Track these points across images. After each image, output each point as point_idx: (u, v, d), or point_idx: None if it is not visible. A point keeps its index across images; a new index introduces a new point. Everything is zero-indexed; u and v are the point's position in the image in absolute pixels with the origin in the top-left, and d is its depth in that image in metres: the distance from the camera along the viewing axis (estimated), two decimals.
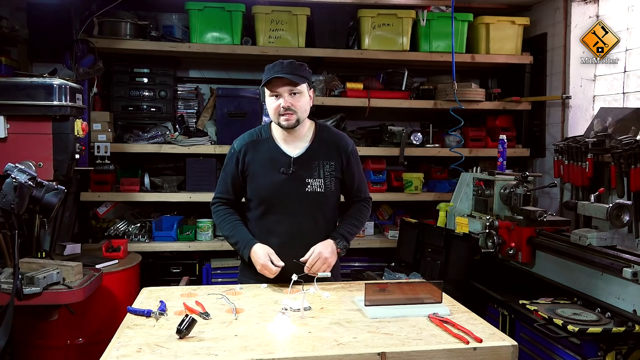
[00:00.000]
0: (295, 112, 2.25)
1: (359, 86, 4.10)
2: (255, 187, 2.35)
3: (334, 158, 2.37)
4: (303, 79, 2.26)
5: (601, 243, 2.49)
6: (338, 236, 2.34)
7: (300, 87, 2.26)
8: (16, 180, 2.24)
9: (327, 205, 2.38)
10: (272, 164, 2.32)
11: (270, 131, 2.39)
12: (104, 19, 3.81)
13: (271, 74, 2.22)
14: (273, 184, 2.31)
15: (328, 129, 2.45)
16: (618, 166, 3.09)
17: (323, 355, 1.63)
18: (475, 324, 1.90)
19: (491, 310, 2.96)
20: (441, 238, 3.40)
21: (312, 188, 2.31)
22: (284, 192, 2.30)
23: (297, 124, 2.28)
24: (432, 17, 4.10)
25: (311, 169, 2.33)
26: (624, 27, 3.65)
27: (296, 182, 2.31)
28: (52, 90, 2.66)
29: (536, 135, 4.26)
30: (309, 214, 2.33)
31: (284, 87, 2.23)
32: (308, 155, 2.34)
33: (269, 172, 2.32)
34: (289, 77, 2.21)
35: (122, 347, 1.66)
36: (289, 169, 2.30)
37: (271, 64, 2.28)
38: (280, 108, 2.24)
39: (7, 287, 2.43)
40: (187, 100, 4.30)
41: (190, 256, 4.03)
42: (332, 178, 2.35)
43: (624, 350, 2.28)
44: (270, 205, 2.33)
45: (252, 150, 2.36)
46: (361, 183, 2.49)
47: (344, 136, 2.45)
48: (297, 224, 2.31)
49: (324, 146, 2.37)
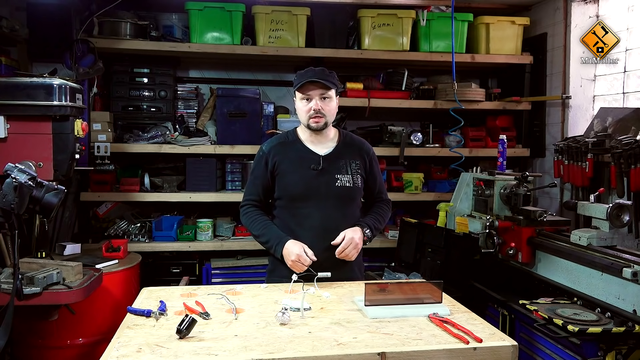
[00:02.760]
0: (325, 115, 2.40)
1: (359, 86, 4.10)
2: (285, 184, 2.44)
3: (358, 158, 2.51)
4: (333, 84, 2.41)
5: (601, 243, 2.49)
6: (364, 224, 2.45)
7: (330, 92, 2.41)
8: (16, 180, 2.24)
9: (354, 200, 2.51)
10: (302, 162, 2.43)
11: (297, 135, 2.52)
12: (104, 19, 3.81)
13: (305, 79, 2.37)
14: (303, 180, 2.41)
15: (351, 135, 2.61)
16: (618, 166, 3.09)
17: (323, 355, 1.63)
18: (475, 324, 1.90)
19: (491, 310, 2.96)
20: (441, 238, 3.40)
21: (342, 183, 2.43)
22: (315, 186, 2.40)
23: (325, 126, 2.42)
24: (432, 17, 4.10)
25: (339, 166, 2.45)
26: (624, 27, 3.65)
27: (326, 177, 2.42)
28: (52, 90, 2.65)
29: (536, 135, 4.26)
30: (339, 208, 2.42)
31: (316, 90, 2.37)
32: (335, 153, 2.48)
33: (299, 169, 2.42)
34: (322, 82, 2.35)
35: (122, 347, 1.66)
36: (318, 165, 2.41)
37: (302, 70, 2.44)
38: (312, 111, 2.37)
39: (7, 287, 2.42)
40: (187, 100, 4.30)
41: (190, 256, 4.03)
42: (358, 175, 2.48)
43: (624, 350, 2.28)
44: (301, 200, 2.42)
45: (281, 151, 2.46)
46: (382, 186, 2.66)
47: (365, 142, 2.62)
48: (327, 218, 2.40)
49: (348, 148, 2.52)
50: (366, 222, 2.47)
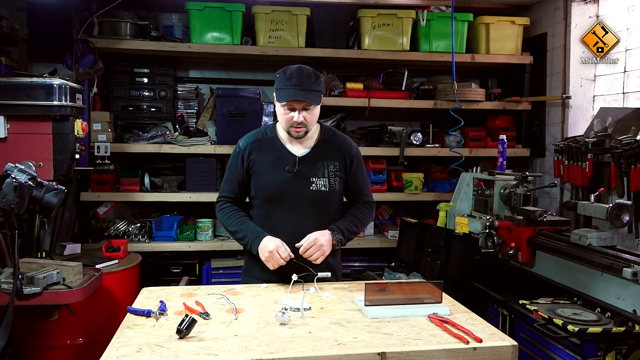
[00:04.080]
0: (307, 125, 2.28)
1: (359, 86, 4.10)
2: (259, 185, 2.36)
3: (338, 159, 2.38)
4: (318, 96, 2.27)
5: (601, 243, 2.49)
6: (335, 228, 2.33)
7: None
8: (16, 180, 2.24)
9: (331, 204, 2.39)
10: (277, 163, 2.33)
11: (276, 131, 2.41)
12: (104, 19, 3.81)
13: (289, 92, 2.21)
14: (278, 182, 2.32)
15: (333, 132, 2.47)
16: (618, 166, 3.09)
17: (323, 355, 1.63)
18: (475, 324, 1.90)
19: (491, 310, 2.96)
20: (441, 238, 3.40)
21: (317, 187, 2.33)
22: (289, 190, 2.32)
23: (306, 134, 2.32)
24: (432, 17, 4.10)
25: (316, 168, 2.34)
26: (624, 27, 3.65)
27: (301, 180, 2.32)
28: (52, 90, 2.65)
29: (536, 135, 4.26)
30: (313, 213, 2.34)
31: (300, 103, 2.23)
32: (313, 155, 2.36)
33: (274, 171, 2.33)
34: (307, 101, 2.22)
35: (122, 347, 1.66)
36: (293, 167, 2.32)
37: (286, 72, 2.25)
38: (293, 121, 2.25)
39: (7, 287, 2.42)
40: (187, 100, 4.30)
41: (190, 256, 4.03)
42: (337, 178, 2.36)
43: (624, 350, 2.28)
44: (274, 203, 2.34)
45: (257, 149, 2.37)
46: (364, 186, 2.51)
47: (348, 139, 2.48)
48: (301, 222, 2.31)
49: (328, 147, 2.40)
50: (337, 226, 2.34)
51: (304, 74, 2.23)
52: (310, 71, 2.26)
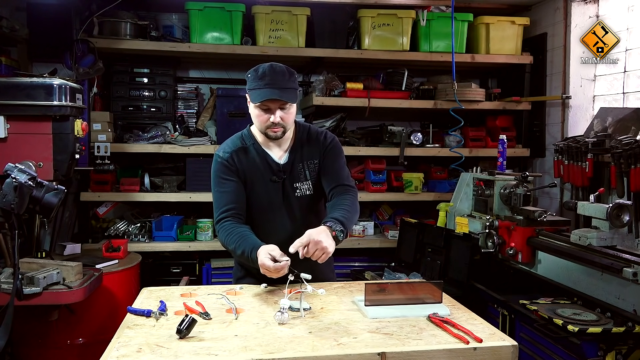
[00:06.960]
0: (285, 125, 2.18)
1: (359, 86, 4.10)
2: (249, 195, 2.29)
3: (316, 155, 2.31)
4: (294, 94, 2.17)
5: (601, 243, 2.49)
6: (329, 220, 2.10)
7: None
8: (16, 180, 2.24)
9: (318, 205, 2.37)
10: (262, 172, 2.27)
11: (253, 136, 2.31)
12: (104, 19, 3.81)
13: (263, 92, 2.10)
14: (264, 193, 2.27)
15: (308, 128, 2.36)
16: (618, 166, 3.09)
17: (323, 355, 1.63)
18: (475, 324, 1.90)
19: (491, 310, 2.96)
20: (441, 238, 3.41)
21: (302, 192, 2.29)
22: (276, 200, 2.27)
23: (284, 135, 2.23)
24: (432, 17, 4.10)
25: (297, 173, 2.29)
26: (624, 27, 3.65)
27: (286, 189, 2.28)
28: (52, 90, 2.66)
29: (536, 135, 4.26)
30: (303, 218, 2.30)
31: (276, 103, 2.13)
32: (292, 159, 2.29)
33: (260, 182, 2.27)
34: (283, 99, 2.12)
35: (122, 347, 1.66)
36: (278, 177, 2.27)
37: (258, 70, 2.14)
38: (270, 122, 2.15)
39: (7, 287, 2.43)
40: (187, 100, 4.30)
41: (190, 256, 4.03)
42: (318, 176, 2.32)
43: (624, 350, 2.28)
44: (263, 213, 2.30)
45: (242, 158, 2.28)
46: (341, 170, 2.33)
47: (323, 131, 2.37)
48: (292, 229, 2.26)
49: (305, 146, 2.31)
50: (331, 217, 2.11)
51: (277, 72, 2.13)
52: (284, 68, 2.16)
